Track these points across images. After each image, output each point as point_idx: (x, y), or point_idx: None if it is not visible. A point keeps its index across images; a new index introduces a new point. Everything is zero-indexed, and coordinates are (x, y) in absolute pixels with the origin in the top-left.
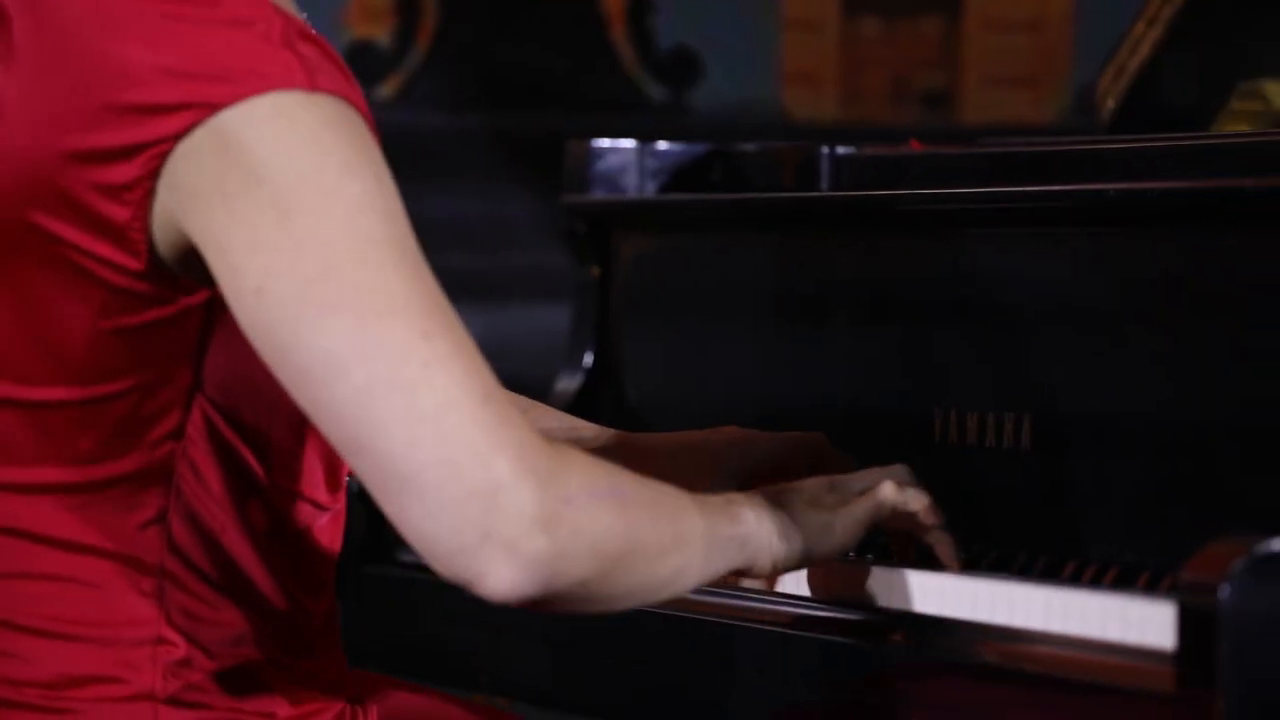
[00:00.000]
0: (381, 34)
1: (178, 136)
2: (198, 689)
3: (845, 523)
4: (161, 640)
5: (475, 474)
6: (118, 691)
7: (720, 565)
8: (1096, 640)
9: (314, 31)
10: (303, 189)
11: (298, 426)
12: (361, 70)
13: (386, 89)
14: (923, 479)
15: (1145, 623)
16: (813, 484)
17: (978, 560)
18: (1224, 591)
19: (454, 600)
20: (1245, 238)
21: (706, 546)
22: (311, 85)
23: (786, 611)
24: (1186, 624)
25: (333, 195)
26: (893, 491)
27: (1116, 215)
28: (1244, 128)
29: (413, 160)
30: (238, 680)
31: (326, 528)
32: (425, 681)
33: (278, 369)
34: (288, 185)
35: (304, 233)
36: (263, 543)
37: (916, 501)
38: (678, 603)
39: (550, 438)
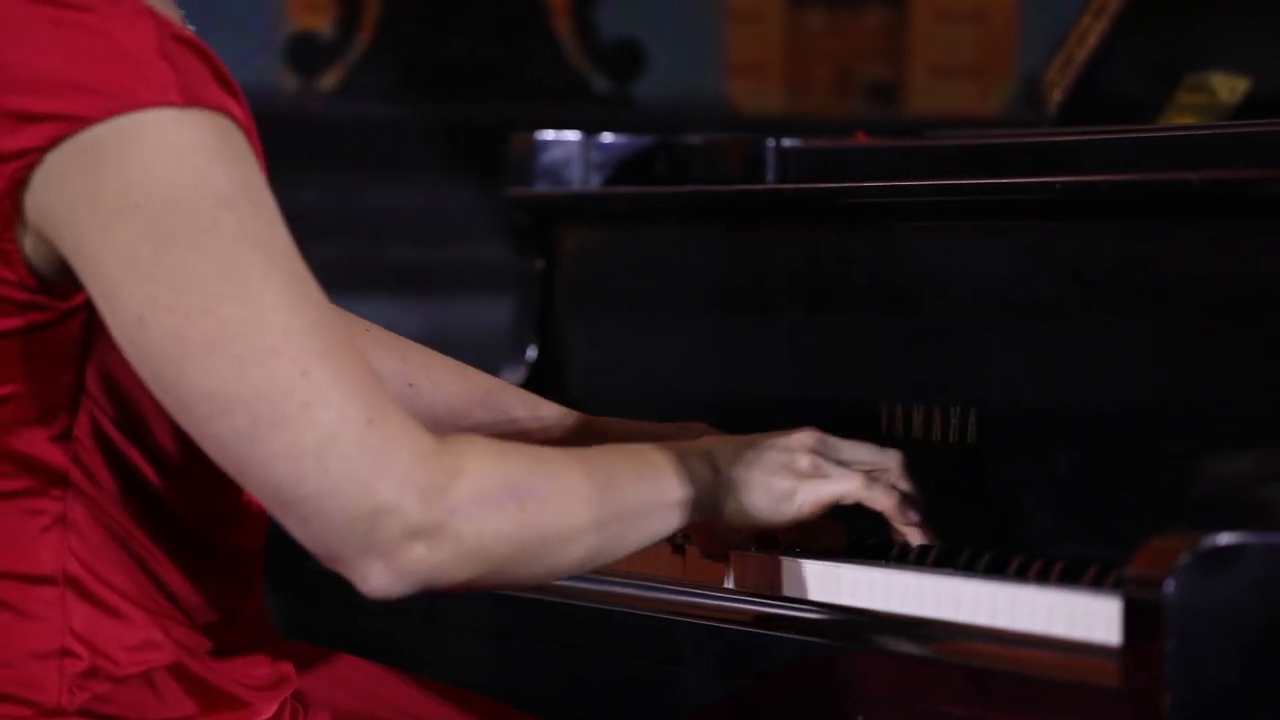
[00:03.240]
0: (323, 25)
1: (44, 149)
2: (106, 700)
3: (807, 496)
4: (66, 652)
5: (358, 501)
6: (27, 713)
7: (671, 525)
8: (1042, 636)
9: (190, 33)
10: (178, 219)
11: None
12: (303, 62)
13: (328, 80)
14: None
15: (1091, 618)
16: (799, 439)
17: (923, 555)
18: (1169, 586)
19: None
20: (1191, 231)
21: (645, 515)
22: (186, 100)
23: (731, 607)
24: (1132, 619)
25: (209, 230)
26: (861, 488)
27: (1063, 208)
28: (1191, 120)
29: (355, 153)
30: (150, 687)
31: (245, 524)
32: None
33: (160, 395)
34: (162, 214)
35: (181, 267)
36: (174, 543)
37: (883, 503)
38: (617, 597)
39: (451, 438)
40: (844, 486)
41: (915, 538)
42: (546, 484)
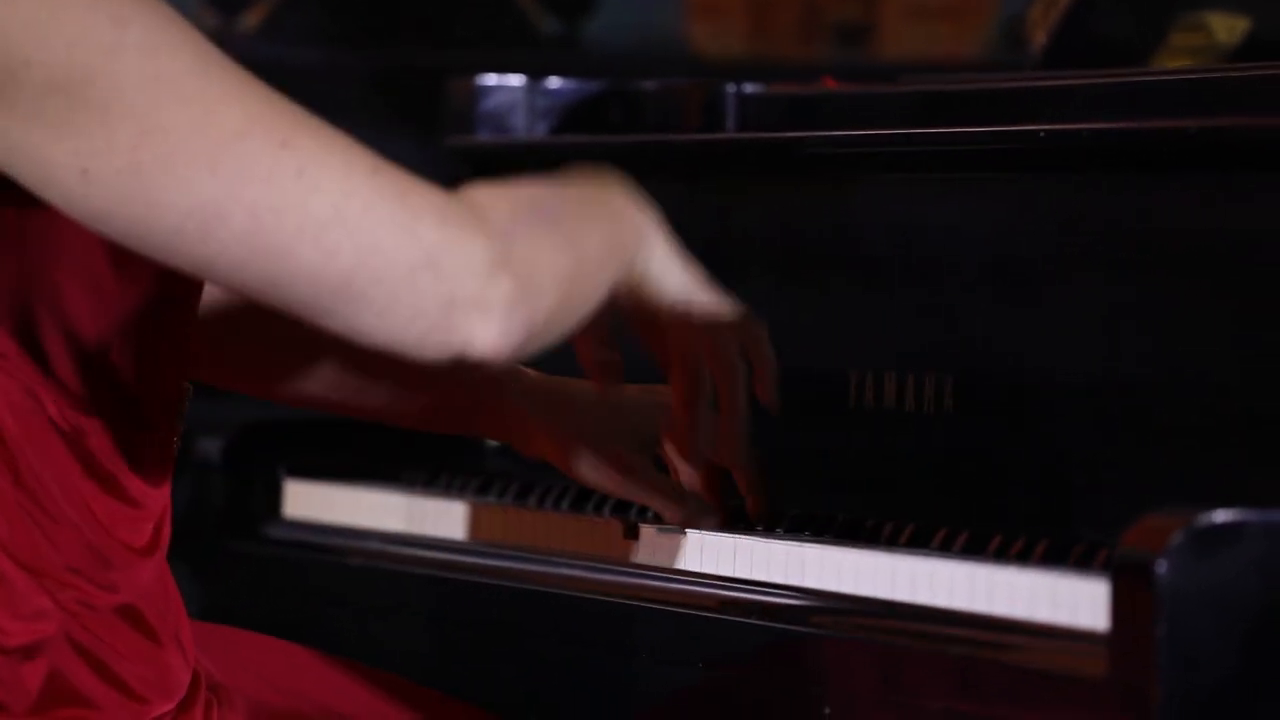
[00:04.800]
0: None
1: None
2: None
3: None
4: None
5: (407, 250)
6: None
7: (620, 268)
8: (1023, 621)
9: None
10: (77, 57)
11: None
12: None
13: (249, 20)
14: (837, 446)
15: (1076, 601)
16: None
17: (896, 534)
18: (1161, 567)
19: (321, 579)
20: (1187, 182)
21: (621, 241)
22: None
23: (688, 590)
24: (1120, 602)
25: (115, 51)
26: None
27: (1048, 158)
28: (1186, 63)
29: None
30: (32, 663)
31: (148, 459)
32: None
33: (144, 245)
34: (59, 60)
35: (101, 99)
36: (68, 484)
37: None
38: (563, 580)
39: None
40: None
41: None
42: (550, 205)
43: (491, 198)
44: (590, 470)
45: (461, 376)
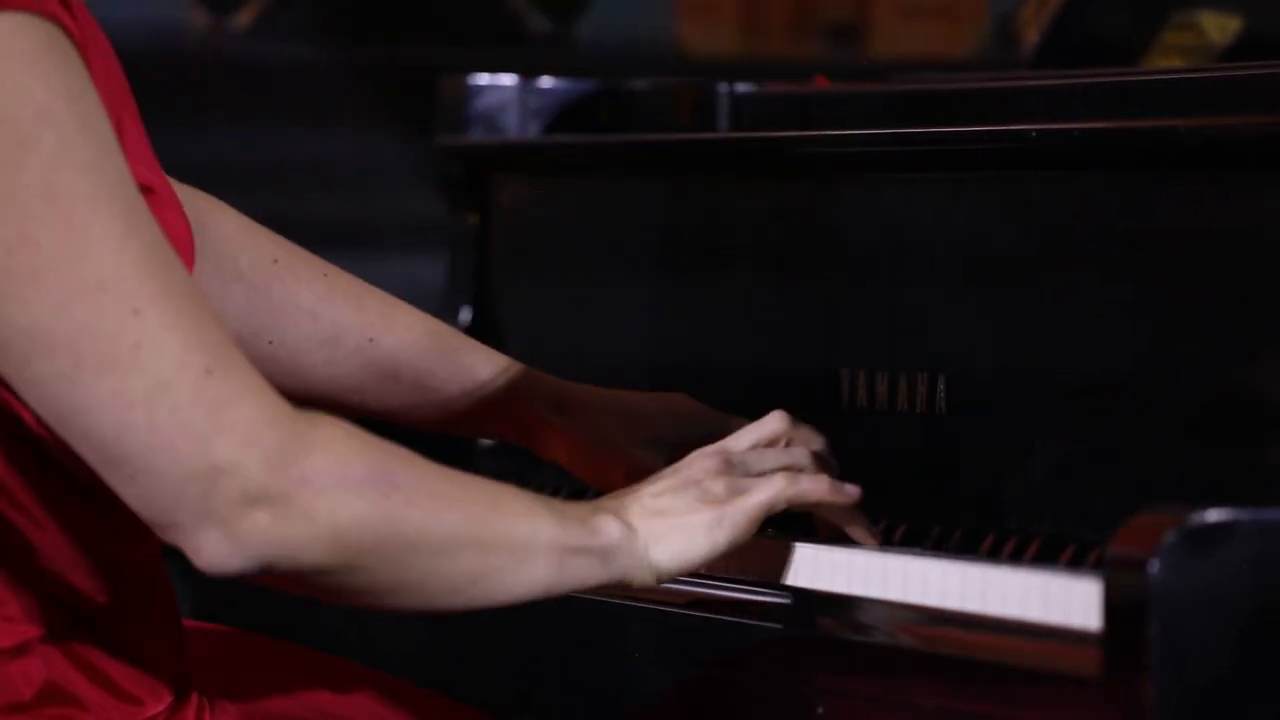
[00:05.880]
0: None
1: None
2: None
3: (736, 517)
4: None
5: (192, 459)
6: None
7: (575, 576)
8: (1016, 620)
9: None
10: None
11: None
12: None
13: (242, 18)
14: (829, 445)
15: (1069, 601)
16: (700, 468)
17: (889, 534)
18: (1153, 567)
19: None
20: (1177, 183)
21: (547, 553)
22: None
23: (679, 590)
24: (1113, 602)
25: (26, 148)
26: (787, 486)
27: (1039, 158)
28: (1177, 62)
29: (272, 97)
30: (21, 663)
31: None
32: None
33: None
34: None
35: None
36: (55, 493)
37: (817, 490)
38: None
39: (311, 412)
40: (769, 491)
41: (855, 523)
42: (418, 481)
43: (336, 445)
44: (604, 479)
45: (484, 382)
